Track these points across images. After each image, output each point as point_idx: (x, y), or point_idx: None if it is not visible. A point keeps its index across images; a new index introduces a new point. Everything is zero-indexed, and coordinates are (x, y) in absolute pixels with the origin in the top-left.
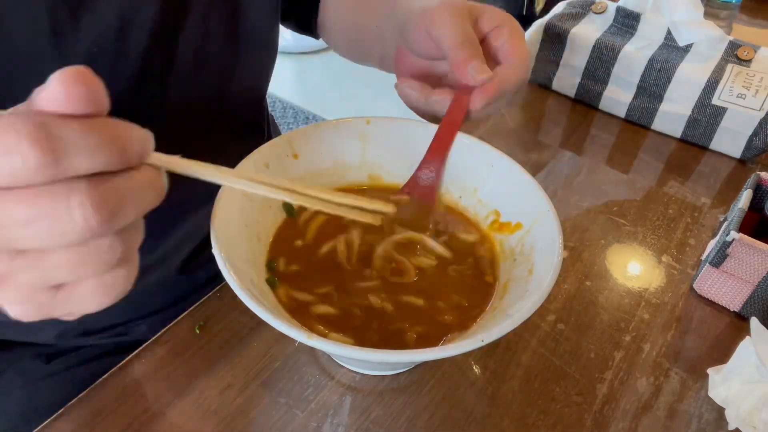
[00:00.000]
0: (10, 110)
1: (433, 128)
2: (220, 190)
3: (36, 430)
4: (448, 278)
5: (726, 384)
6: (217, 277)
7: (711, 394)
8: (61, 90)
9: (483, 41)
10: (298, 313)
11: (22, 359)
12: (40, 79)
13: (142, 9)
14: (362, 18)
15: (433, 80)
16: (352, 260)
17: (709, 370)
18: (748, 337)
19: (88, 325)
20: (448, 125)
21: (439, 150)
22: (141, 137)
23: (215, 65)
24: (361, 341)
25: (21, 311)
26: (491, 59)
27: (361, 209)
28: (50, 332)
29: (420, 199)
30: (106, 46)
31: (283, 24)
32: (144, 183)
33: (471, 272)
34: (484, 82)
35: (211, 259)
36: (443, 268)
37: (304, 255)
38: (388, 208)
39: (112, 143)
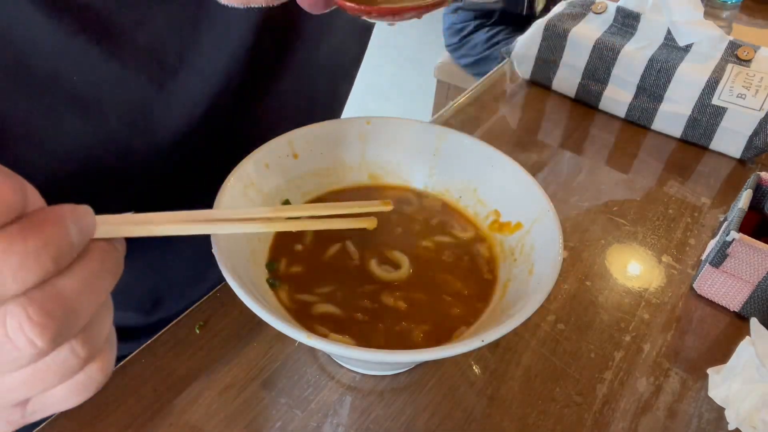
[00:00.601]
0: None
1: (432, 128)
2: (221, 190)
3: (36, 430)
4: (448, 279)
5: (726, 384)
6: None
7: (711, 394)
8: None
9: None
10: (299, 313)
11: None
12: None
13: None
14: None
15: None
16: (354, 260)
17: (709, 370)
18: (748, 337)
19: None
20: None
21: None
22: (77, 221)
23: (293, 110)
24: (362, 341)
25: None
26: None
27: (356, 215)
28: None
29: None
30: (194, 124)
31: None
32: (93, 273)
33: (471, 272)
34: None
35: None
36: (443, 268)
37: (305, 255)
38: (387, 207)
39: (39, 254)
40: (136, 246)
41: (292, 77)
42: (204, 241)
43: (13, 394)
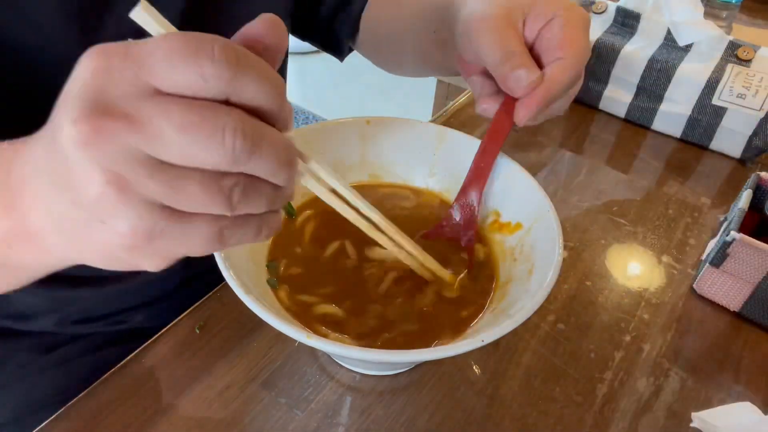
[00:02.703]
0: None
1: (432, 128)
2: None
3: (36, 430)
4: (449, 279)
5: None
6: (217, 277)
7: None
8: (264, 25)
9: (535, 41)
10: (299, 313)
11: (21, 352)
12: (67, 76)
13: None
14: (411, 24)
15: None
16: (353, 260)
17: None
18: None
19: (86, 313)
20: (485, 147)
21: (475, 179)
22: (290, 106)
23: None
24: (362, 342)
25: (129, 227)
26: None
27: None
28: (49, 320)
29: (457, 235)
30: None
31: (307, 40)
32: (283, 139)
33: (471, 272)
34: (528, 90)
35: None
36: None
37: (304, 256)
38: (451, 279)
39: (277, 83)
40: None
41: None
42: None
43: (180, 191)
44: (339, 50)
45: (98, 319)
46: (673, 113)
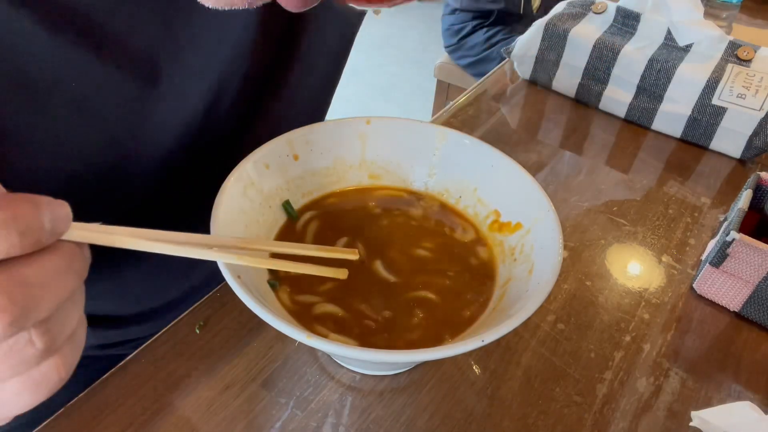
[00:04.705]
0: None
1: (432, 128)
2: (221, 190)
3: (36, 430)
4: (449, 279)
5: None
6: (217, 278)
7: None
8: None
9: None
10: (299, 313)
11: None
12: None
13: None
14: None
15: None
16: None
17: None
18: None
19: (105, 340)
20: None
21: None
22: (54, 213)
23: (284, 102)
24: (363, 342)
25: None
26: None
27: (325, 258)
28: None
29: None
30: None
31: None
32: (59, 268)
33: (471, 273)
34: None
35: None
36: (444, 269)
37: (305, 257)
38: (353, 255)
39: (8, 224)
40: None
41: (297, 68)
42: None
43: None
44: None
45: (125, 342)
46: (673, 113)
